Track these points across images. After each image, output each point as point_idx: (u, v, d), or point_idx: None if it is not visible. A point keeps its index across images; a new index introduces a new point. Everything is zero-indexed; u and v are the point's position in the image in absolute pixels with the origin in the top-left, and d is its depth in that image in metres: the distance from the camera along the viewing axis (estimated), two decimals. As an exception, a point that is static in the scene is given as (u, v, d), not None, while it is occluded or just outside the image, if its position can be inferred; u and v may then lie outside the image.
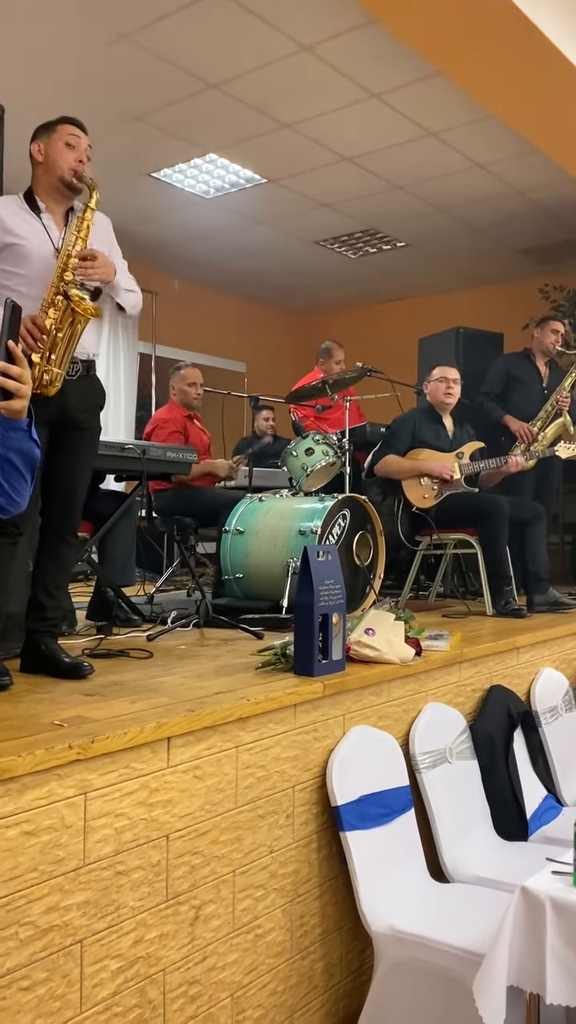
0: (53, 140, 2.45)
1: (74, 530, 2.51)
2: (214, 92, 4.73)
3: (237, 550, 3.75)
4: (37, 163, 2.47)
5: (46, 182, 2.46)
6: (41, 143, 2.46)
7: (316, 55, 4.34)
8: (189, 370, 4.90)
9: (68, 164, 2.44)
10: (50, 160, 2.44)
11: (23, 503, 1.56)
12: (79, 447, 2.48)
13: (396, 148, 5.38)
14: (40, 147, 2.45)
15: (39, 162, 2.46)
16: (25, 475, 1.52)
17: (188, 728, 1.88)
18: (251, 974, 2.04)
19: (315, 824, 2.24)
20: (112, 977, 1.71)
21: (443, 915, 2.21)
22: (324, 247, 7.28)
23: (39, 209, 2.43)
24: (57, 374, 2.34)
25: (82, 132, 2.49)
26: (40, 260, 2.37)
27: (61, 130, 2.47)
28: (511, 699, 3.16)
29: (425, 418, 4.40)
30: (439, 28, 3.56)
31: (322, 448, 4.05)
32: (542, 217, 6.48)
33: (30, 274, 2.36)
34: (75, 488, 2.47)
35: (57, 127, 2.47)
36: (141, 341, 7.80)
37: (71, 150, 2.45)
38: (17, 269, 2.36)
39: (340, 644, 2.46)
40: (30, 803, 1.57)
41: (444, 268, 7.75)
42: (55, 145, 2.44)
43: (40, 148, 2.45)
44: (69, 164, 2.44)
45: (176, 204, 6.36)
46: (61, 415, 2.40)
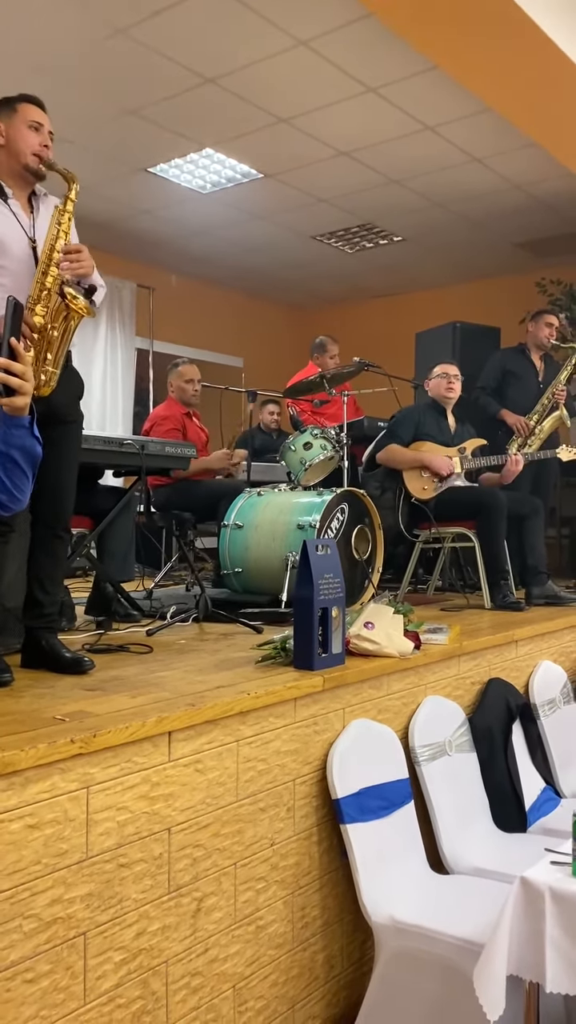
0: (15, 122, 2.34)
1: (66, 524, 2.49)
2: (210, 87, 4.72)
3: (236, 544, 3.76)
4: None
5: (7, 166, 2.34)
6: (1, 123, 2.34)
7: (312, 49, 4.34)
8: (187, 367, 4.90)
9: (32, 149, 2.33)
10: (12, 143, 2.33)
11: (24, 500, 1.56)
12: (65, 440, 2.43)
13: (393, 142, 5.38)
14: (1, 128, 2.34)
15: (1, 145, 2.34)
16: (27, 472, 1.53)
17: (189, 722, 1.89)
18: (253, 965, 2.05)
19: (316, 817, 2.26)
20: (115, 969, 1.73)
21: (443, 906, 2.23)
22: (321, 242, 7.27)
23: (6, 195, 2.34)
24: (52, 373, 2.30)
25: (44, 112, 2.38)
26: (15, 248, 2.30)
27: (23, 110, 2.35)
28: (510, 692, 3.17)
29: (429, 412, 4.42)
30: (434, 21, 3.56)
31: (320, 442, 4.06)
32: (539, 211, 6.48)
33: (10, 265, 2.28)
34: (64, 482, 2.44)
35: (18, 106, 2.35)
36: (138, 337, 7.79)
37: (35, 133, 2.35)
38: None
39: (340, 638, 2.47)
40: (33, 797, 1.58)
41: (441, 262, 7.75)
42: (17, 127, 2.33)
43: (1, 130, 2.33)
44: (33, 149, 2.34)
45: (173, 199, 6.35)
46: (47, 409, 2.37)
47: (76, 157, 5.44)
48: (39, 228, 2.37)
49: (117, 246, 7.17)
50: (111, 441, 3.47)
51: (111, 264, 3.00)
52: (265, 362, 8.66)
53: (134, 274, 7.54)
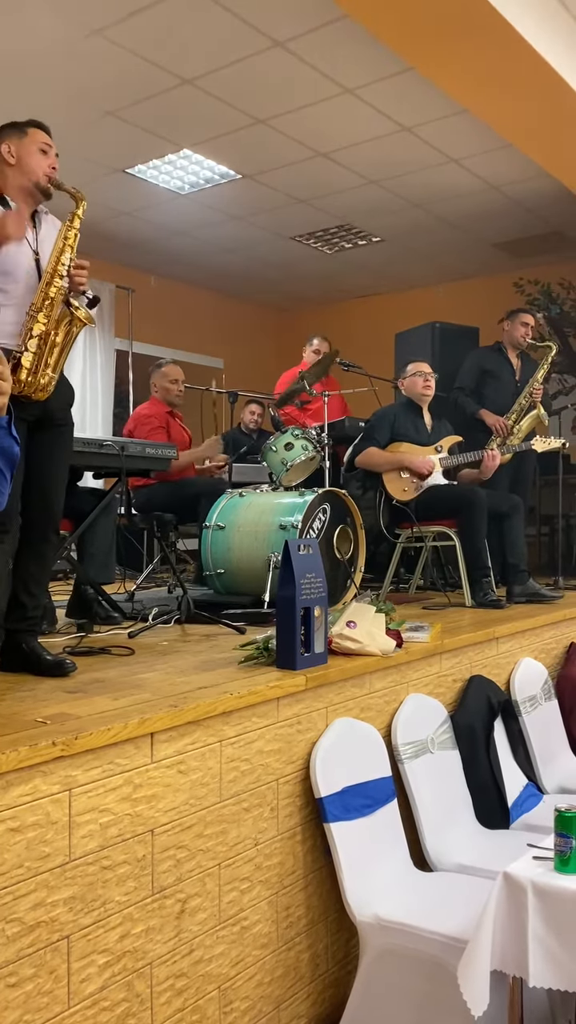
0: (25, 144, 2.45)
1: (56, 527, 2.51)
2: (188, 88, 4.72)
3: (218, 546, 3.76)
4: (7, 164, 2.44)
5: (17, 183, 2.44)
6: (11, 144, 2.44)
7: (289, 51, 4.34)
8: (170, 367, 4.89)
9: (43, 170, 2.45)
10: (23, 164, 2.44)
11: (2, 502, 1.55)
12: (57, 444, 2.49)
13: (370, 143, 5.40)
14: (10, 148, 2.44)
15: (9, 164, 2.44)
16: (5, 473, 1.52)
17: (171, 723, 1.89)
18: (238, 966, 2.05)
19: (299, 816, 2.26)
20: (99, 972, 1.72)
21: (427, 903, 2.23)
22: (300, 243, 7.28)
23: (11, 208, 2.41)
24: (52, 378, 2.37)
25: (50, 137, 2.51)
26: (21, 261, 2.37)
27: (33, 135, 2.47)
28: (491, 689, 3.19)
29: (404, 412, 4.44)
30: (410, 22, 3.57)
31: (301, 443, 4.06)
32: (517, 212, 6.52)
33: (12, 274, 2.34)
34: (55, 486, 2.48)
35: (28, 130, 2.47)
36: (118, 338, 7.76)
37: (44, 155, 2.46)
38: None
39: (322, 637, 2.47)
40: (15, 800, 1.57)
41: (420, 263, 7.78)
42: (28, 149, 2.44)
43: (10, 149, 2.44)
44: (44, 170, 2.45)
45: (151, 200, 6.34)
46: (42, 414, 2.40)
47: (53, 158, 5.42)
48: (42, 242, 2.45)
49: (95, 247, 7.13)
50: (90, 443, 3.46)
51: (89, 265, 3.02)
52: (245, 363, 8.66)
53: (113, 275, 7.51)
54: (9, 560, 2.45)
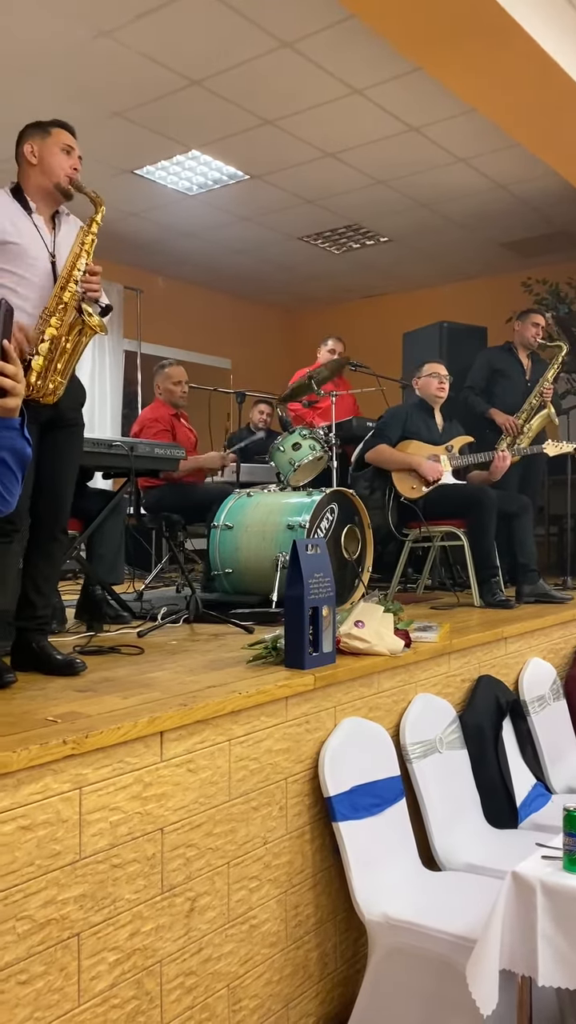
0: (48, 144, 2.44)
1: (64, 527, 2.52)
2: (196, 89, 4.73)
3: (226, 545, 3.77)
4: (29, 164, 2.44)
5: (37, 183, 2.44)
6: (34, 144, 2.44)
7: (297, 51, 4.35)
8: (173, 368, 4.90)
9: (65, 171, 2.44)
10: (45, 164, 2.43)
11: (13, 503, 1.56)
12: (68, 445, 2.50)
13: (378, 143, 5.40)
14: (33, 148, 2.43)
15: (31, 164, 2.44)
16: (16, 473, 1.53)
17: (181, 722, 1.89)
18: (246, 964, 2.06)
19: (308, 815, 2.26)
20: (109, 970, 1.73)
21: (435, 902, 2.24)
22: (307, 243, 7.29)
23: (30, 209, 2.42)
24: (60, 383, 2.37)
25: (75, 138, 2.49)
26: (36, 261, 2.37)
27: (56, 135, 2.46)
28: (500, 689, 3.19)
29: (417, 411, 4.44)
30: (417, 22, 3.57)
31: (309, 443, 4.07)
32: (524, 211, 6.51)
33: (27, 275, 2.35)
34: (64, 485, 2.49)
35: (51, 130, 2.46)
36: (126, 339, 7.79)
37: (67, 156, 2.45)
38: (12, 268, 2.34)
39: (330, 637, 2.48)
40: (26, 798, 1.58)
41: (427, 263, 7.78)
42: (50, 149, 2.44)
43: (33, 149, 2.43)
44: (65, 171, 2.44)
45: (159, 201, 6.35)
46: (53, 415, 2.41)
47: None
48: (60, 245, 2.45)
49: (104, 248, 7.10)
50: (100, 443, 3.47)
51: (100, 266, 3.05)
52: (253, 363, 8.67)
53: (121, 276, 7.53)
54: (19, 559, 2.47)
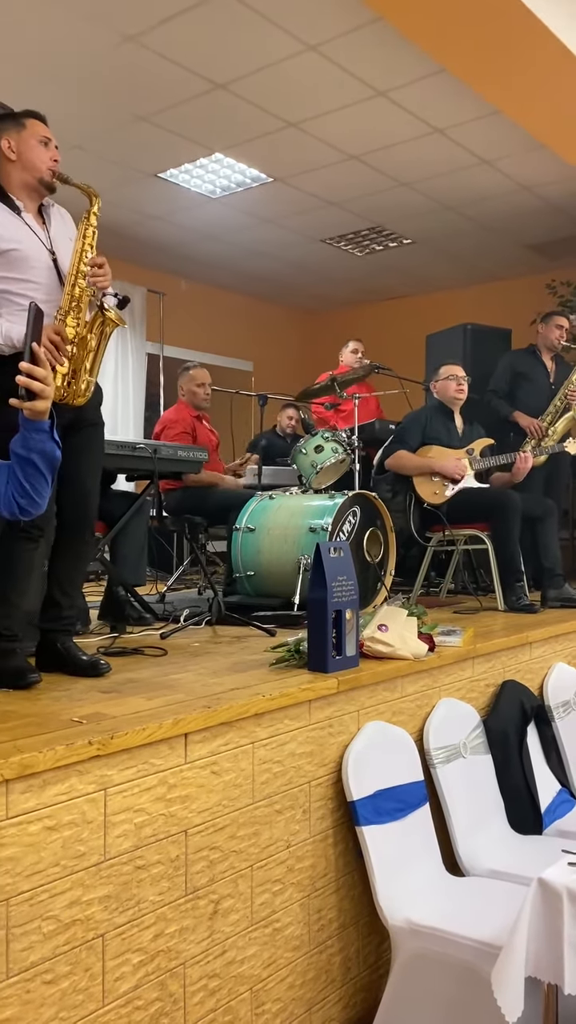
0: (25, 137, 2.37)
1: (92, 528, 2.53)
2: (220, 92, 4.74)
3: (248, 548, 3.77)
4: (8, 160, 2.36)
5: (20, 180, 2.38)
6: (10, 139, 2.36)
7: (321, 54, 4.35)
8: (197, 370, 4.91)
9: (46, 164, 2.38)
10: (25, 159, 2.36)
11: (43, 504, 1.57)
12: (90, 445, 2.49)
13: (402, 145, 5.39)
14: (10, 143, 2.36)
15: (10, 159, 2.36)
16: (46, 476, 1.54)
17: (205, 724, 1.89)
18: (269, 968, 2.06)
19: (331, 819, 2.26)
20: (133, 971, 1.73)
21: (459, 908, 2.22)
22: (331, 245, 7.28)
23: (18, 209, 2.37)
24: (90, 382, 2.37)
25: (48, 127, 2.43)
26: (38, 263, 2.34)
27: (32, 126, 2.39)
28: (524, 694, 3.17)
29: (436, 415, 4.41)
30: (443, 22, 3.57)
31: (331, 445, 4.06)
32: (549, 212, 6.47)
33: (32, 278, 2.33)
34: (90, 486, 2.49)
35: (26, 122, 2.39)
36: (149, 341, 7.82)
37: (44, 148, 2.39)
38: (18, 275, 2.31)
39: (354, 640, 2.47)
40: (52, 799, 1.59)
41: (451, 264, 7.75)
42: (28, 143, 2.37)
43: (11, 144, 2.36)
44: (47, 164, 2.38)
45: (183, 204, 6.38)
46: (75, 416, 2.42)
47: (87, 163, 5.48)
48: (55, 239, 2.41)
49: (127, 251, 7.20)
50: (124, 445, 3.49)
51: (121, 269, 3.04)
52: (275, 366, 8.68)
53: (144, 279, 7.57)
54: (44, 561, 2.48)
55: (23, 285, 2.31)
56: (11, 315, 2.28)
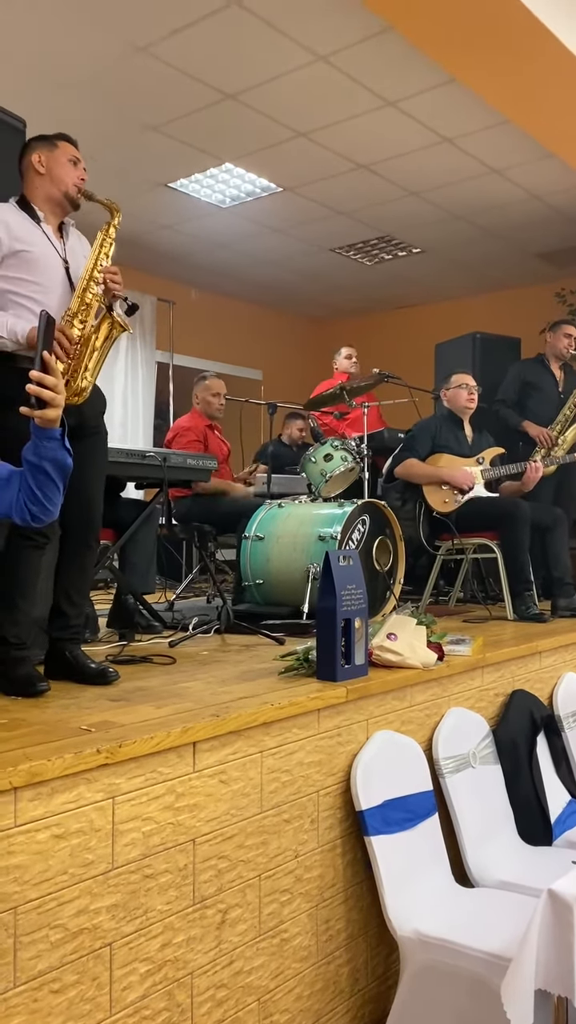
0: (56, 155, 2.48)
1: (96, 535, 2.53)
2: (230, 102, 4.77)
3: (257, 556, 3.77)
4: (37, 174, 2.47)
5: (46, 193, 2.47)
6: (42, 155, 2.47)
7: (331, 64, 4.37)
8: (213, 380, 4.94)
9: (73, 181, 2.48)
10: (53, 174, 2.46)
11: (55, 512, 1.58)
12: (93, 452, 2.50)
13: (411, 155, 5.40)
14: (41, 159, 2.46)
15: (39, 173, 2.47)
16: (58, 484, 1.55)
17: (213, 733, 1.89)
18: (277, 978, 2.05)
19: (339, 829, 2.25)
20: (141, 980, 1.72)
21: (469, 919, 2.21)
22: (340, 254, 7.30)
23: (38, 218, 2.45)
24: (90, 383, 2.39)
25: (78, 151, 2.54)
26: (48, 267, 2.39)
27: (63, 147, 2.50)
28: (534, 704, 3.15)
29: (446, 423, 4.41)
30: (453, 33, 3.58)
31: (341, 454, 4.06)
32: (559, 221, 6.48)
33: (43, 282, 2.37)
34: (93, 493, 2.49)
35: (58, 143, 2.50)
36: (159, 350, 7.84)
37: (73, 167, 2.49)
38: (28, 276, 2.37)
39: (363, 649, 2.46)
40: (60, 807, 1.58)
41: (460, 273, 7.76)
42: (58, 160, 2.47)
43: (41, 160, 2.46)
44: (74, 181, 2.48)
45: (192, 214, 6.41)
46: (77, 422, 2.42)
47: (97, 173, 5.47)
48: (70, 252, 2.48)
49: (137, 260, 7.23)
50: (133, 453, 3.50)
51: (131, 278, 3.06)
52: (284, 374, 8.69)
53: (154, 288, 7.60)
54: (51, 569, 2.49)
55: (32, 287, 2.36)
56: (18, 315, 2.31)
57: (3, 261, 2.35)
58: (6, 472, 1.53)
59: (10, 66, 4.38)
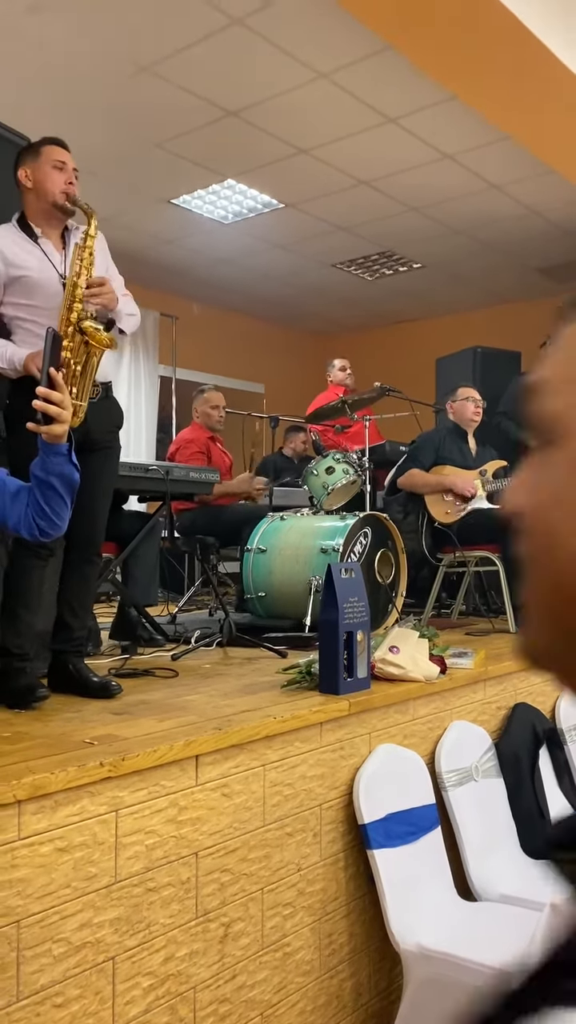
0: (40, 164, 2.42)
1: (98, 549, 2.54)
2: (233, 120, 4.81)
3: (259, 569, 3.78)
4: (27, 189, 2.43)
5: (37, 207, 2.43)
6: (28, 168, 2.42)
7: (332, 82, 4.41)
8: (212, 393, 4.97)
9: (58, 187, 2.41)
10: (39, 185, 2.41)
11: (63, 526, 1.60)
12: (101, 468, 2.50)
13: (412, 171, 5.44)
14: (27, 172, 2.42)
15: (28, 188, 2.43)
16: (65, 498, 1.57)
17: (216, 746, 1.90)
18: (280, 992, 2.04)
19: (342, 842, 2.25)
20: (144, 994, 1.72)
21: (472, 933, 2.20)
22: (341, 270, 7.34)
23: (35, 235, 2.42)
24: (79, 406, 2.36)
25: (67, 151, 2.46)
26: (47, 288, 2.38)
27: (47, 152, 2.43)
28: (536, 717, 3.15)
29: (450, 436, 4.44)
30: (452, 52, 3.62)
31: (343, 467, 4.07)
32: (559, 236, 6.51)
33: (40, 304, 2.36)
34: (98, 508, 2.50)
35: (42, 149, 2.44)
36: (161, 364, 7.88)
37: (59, 172, 2.42)
38: (27, 300, 2.36)
39: (365, 662, 2.47)
40: (63, 820, 1.59)
41: (461, 288, 7.80)
42: (42, 169, 2.41)
43: (27, 174, 2.42)
44: (59, 187, 2.41)
45: (195, 229, 6.45)
46: (84, 438, 2.43)
47: (101, 189, 5.56)
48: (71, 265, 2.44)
49: (140, 276, 7.26)
50: (136, 467, 3.51)
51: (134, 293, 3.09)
52: (286, 388, 8.71)
53: (157, 303, 7.64)
54: (54, 582, 2.50)
55: (34, 311, 2.36)
56: (23, 340, 2.32)
57: (6, 289, 2.36)
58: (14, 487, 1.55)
59: (15, 84, 4.43)
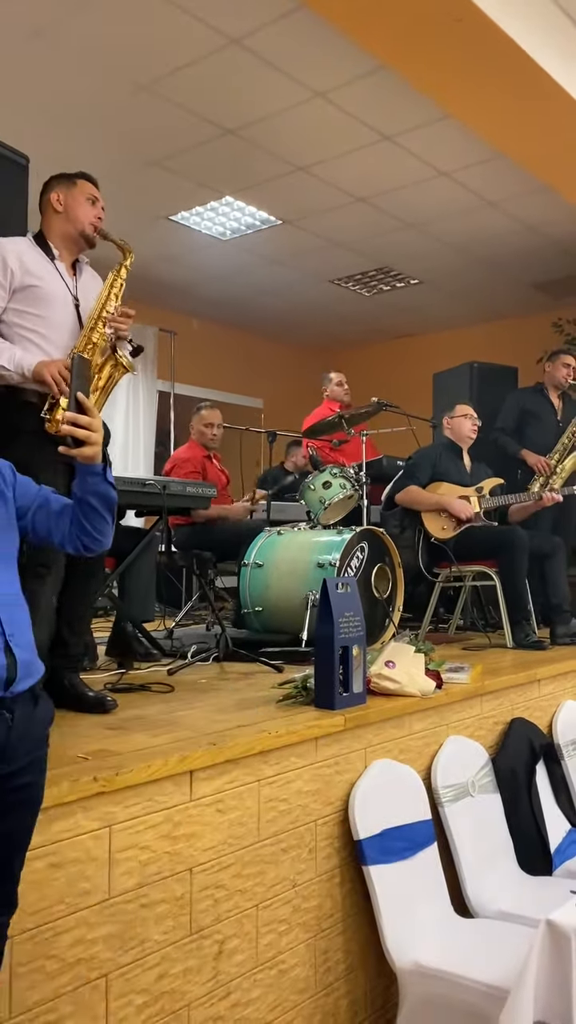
0: (75, 193, 2.53)
1: (100, 565, 2.55)
2: (231, 138, 4.85)
3: (256, 583, 3.78)
4: (55, 212, 2.52)
5: (62, 231, 2.52)
6: (60, 193, 2.52)
7: (329, 100, 4.46)
8: (208, 411, 4.99)
9: (88, 219, 2.53)
10: (70, 211, 2.51)
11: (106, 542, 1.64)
12: None
13: (408, 188, 5.49)
14: (59, 197, 2.52)
15: (57, 211, 2.52)
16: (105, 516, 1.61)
17: (210, 761, 1.89)
18: (275, 1010, 2.03)
19: (338, 858, 2.24)
20: (137, 1012, 1.71)
21: (468, 950, 2.19)
22: (338, 286, 7.38)
23: (53, 255, 2.49)
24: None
25: (98, 189, 2.59)
26: (56, 303, 2.42)
27: (82, 186, 2.55)
28: (533, 732, 3.15)
29: (446, 452, 4.45)
30: (447, 72, 3.66)
31: (339, 481, 4.08)
32: (555, 252, 6.56)
33: (50, 315, 2.40)
34: None
35: (77, 181, 2.55)
36: (160, 380, 7.91)
37: (91, 206, 2.54)
38: (37, 311, 2.40)
39: (361, 677, 2.47)
40: (56, 835, 1.59)
41: (457, 304, 7.84)
42: (77, 199, 2.52)
43: (59, 198, 2.52)
44: (90, 219, 2.53)
45: (194, 246, 6.49)
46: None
47: (100, 206, 5.60)
48: (82, 289, 2.52)
49: (139, 291, 7.29)
50: (133, 481, 3.52)
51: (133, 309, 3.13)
52: (284, 403, 8.74)
53: (156, 319, 7.68)
54: (53, 597, 2.50)
55: (40, 322, 2.39)
56: (25, 349, 2.34)
57: (13, 294, 2.38)
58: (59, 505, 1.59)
59: (14, 102, 4.47)
